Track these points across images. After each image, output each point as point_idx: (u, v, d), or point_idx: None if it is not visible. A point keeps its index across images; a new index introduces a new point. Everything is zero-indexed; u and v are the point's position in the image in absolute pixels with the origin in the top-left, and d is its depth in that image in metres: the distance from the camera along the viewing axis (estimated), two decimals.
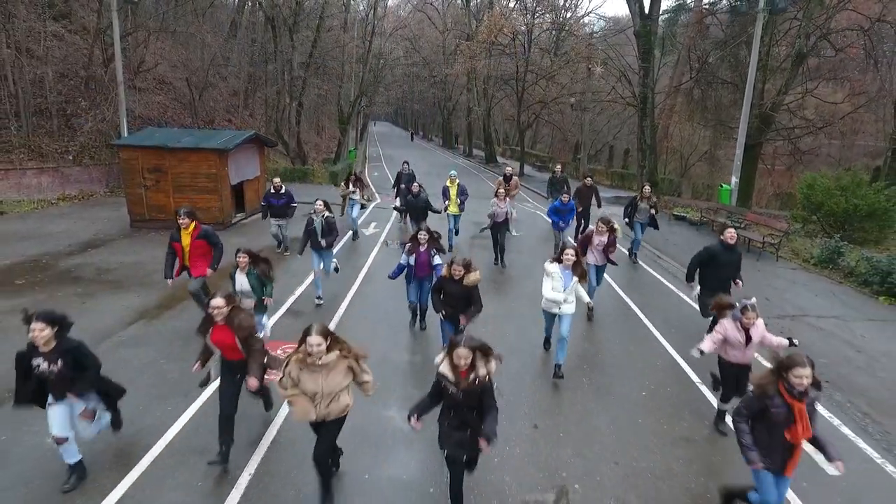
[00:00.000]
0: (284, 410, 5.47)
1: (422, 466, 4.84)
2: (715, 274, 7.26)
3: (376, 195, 21.44)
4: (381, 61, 33.84)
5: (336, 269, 8.70)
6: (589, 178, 13.37)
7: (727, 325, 5.12)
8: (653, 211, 11.43)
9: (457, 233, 12.40)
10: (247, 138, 13.77)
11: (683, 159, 32.65)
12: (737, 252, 7.29)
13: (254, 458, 4.83)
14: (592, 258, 8.20)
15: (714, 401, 6.09)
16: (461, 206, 11.97)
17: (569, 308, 6.42)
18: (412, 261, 7.12)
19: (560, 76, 28.77)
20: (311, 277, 9.55)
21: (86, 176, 17.80)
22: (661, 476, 4.86)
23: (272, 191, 10.87)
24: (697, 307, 7.86)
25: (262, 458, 4.84)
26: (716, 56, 21.64)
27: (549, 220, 11.99)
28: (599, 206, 13.37)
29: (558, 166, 15.98)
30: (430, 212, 11.17)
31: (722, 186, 17.45)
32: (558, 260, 6.36)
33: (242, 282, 6.10)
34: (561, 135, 37.06)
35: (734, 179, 16.82)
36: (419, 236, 7.14)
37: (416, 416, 3.93)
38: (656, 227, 11.74)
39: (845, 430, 5.86)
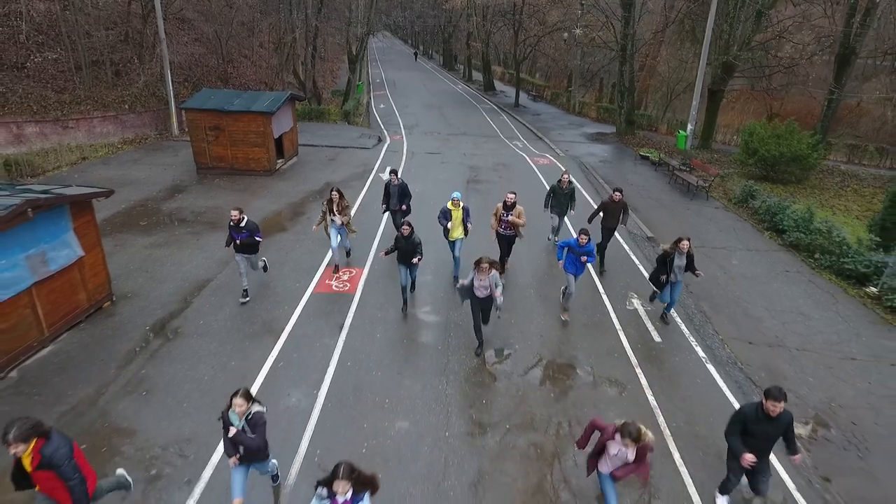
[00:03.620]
0: None
1: None
2: (748, 444, 5.36)
3: (385, 134, 24.40)
4: None
5: (275, 477, 5.97)
6: (618, 193, 11.04)
7: None
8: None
9: (457, 263, 10.75)
10: (285, 99, 16.81)
11: (669, 89, 34.87)
12: (783, 422, 5.28)
13: None
14: (606, 467, 5.52)
15: None
16: (466, 230, 10.59)
17: None
18: None
19: (554, 11, 30.40)
20: (328, 255, 10.95)
21: (139, 122, 20.91)
22: (561, 340, 8.91)
23: (231, 224, 9.05)
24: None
25: None
26: None
27: (559, 260, 9.28)
28: (626, 223, 11.48)
29: (565, 174, 12.12)
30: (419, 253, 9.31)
31: (679, 133, 20.55)
32: None
33: None
34: (556, 65, 38.84)
35: (690, 126, 19.91)
36: (336, 483, 4.42)
37: None
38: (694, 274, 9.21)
39: (678, 320, 9.81)
